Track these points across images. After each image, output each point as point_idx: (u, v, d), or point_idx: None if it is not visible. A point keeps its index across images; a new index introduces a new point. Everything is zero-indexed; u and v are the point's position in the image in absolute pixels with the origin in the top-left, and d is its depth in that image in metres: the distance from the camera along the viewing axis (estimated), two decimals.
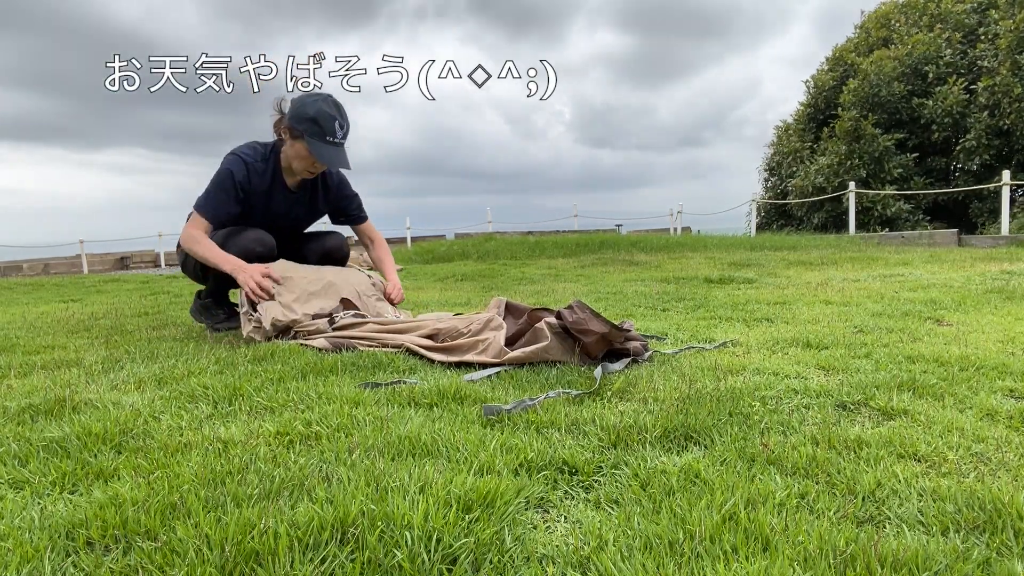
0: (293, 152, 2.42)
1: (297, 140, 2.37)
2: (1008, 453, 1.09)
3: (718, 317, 2.74)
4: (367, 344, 2.09)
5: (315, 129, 2.33)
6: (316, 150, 2.34)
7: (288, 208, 2.63)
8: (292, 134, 2.38)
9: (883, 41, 14.48)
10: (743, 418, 1.27)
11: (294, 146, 2.40)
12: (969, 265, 4.96)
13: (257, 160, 2.48)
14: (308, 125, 2.33)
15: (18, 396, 1.55)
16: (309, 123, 2.33)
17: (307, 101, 2.36)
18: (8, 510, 0.93)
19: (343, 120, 2.37)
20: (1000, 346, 1.94)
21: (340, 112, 2.38)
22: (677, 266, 5.84)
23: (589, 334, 1.74)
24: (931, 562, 0.75)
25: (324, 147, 2.35)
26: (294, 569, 0.74)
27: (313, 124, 2.33)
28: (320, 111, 2.32)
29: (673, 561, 0.76)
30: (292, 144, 2.40)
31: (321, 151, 2.35)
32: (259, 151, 2.51)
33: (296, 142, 2.38)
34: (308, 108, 2.33)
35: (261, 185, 2.50)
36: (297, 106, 2.36)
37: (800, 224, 14.44)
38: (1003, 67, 11.41)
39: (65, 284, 7.07)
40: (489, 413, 1.30)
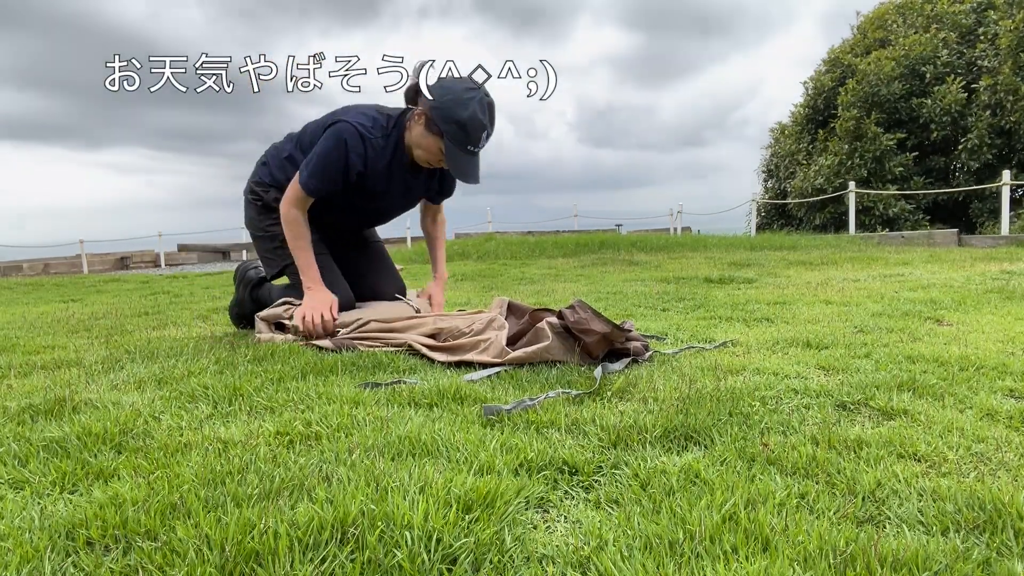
0: (424, 143, 2.13)
1: (434, 135, 2.09)
2: (1008, 453, 1.09)
3: (718, 317, 2.74)
4: (369, 344, 2.09)
5: (459, 135, 2.04)
6: (452, 158, 2.08)
7: (408, 188, 2.34)
8: (431, 127, 2.09)
9: (880, 42, 14.48)
10: (743, 418, 1.27)
11: (427, 137, 2.11)
12: (969, 265, 4.96)
13: (377, 136, 2.18)
14: (453, 129, 2.04)
15: (18, 396, 1.55)
16: (456, 127, 2.04)
17: (463, 98, 2.03)
18: (8, 510, 0.93)
19: (491, 128, 2.09)
20: (1000, 346, 1.94)
21: (491, 118, 2.09)
22: (677, 266, 5.84)
23: (590, 334, 1.74)
24: (931, 562, 0.75)
25: (461, 156, 2.08)
26: (294, 569, 0.74)
27: (460, 130, 2.04)
28: (473, 117, 2.03)
29: (673, 561, 0.76)
30: (425, 135, 2.11)
31: (457, 161, 2.09)
32: (379, 123, 2.19)
33: (432, 136, 2.10)
34: (461, 109, 2.02)
35: (378, 164, 2.20)
36: (449, 100, 2.04)
37: (800, 224, 14.45)
38: (1005, 66, 11.41)
39: (65, 284, 7.08)
40: (489, 413, 1.30)
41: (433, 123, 2.06)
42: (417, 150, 2.17)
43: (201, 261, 13.18)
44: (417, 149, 2.17)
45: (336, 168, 2.15)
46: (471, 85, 2.07)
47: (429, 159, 2.17)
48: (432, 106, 2.06)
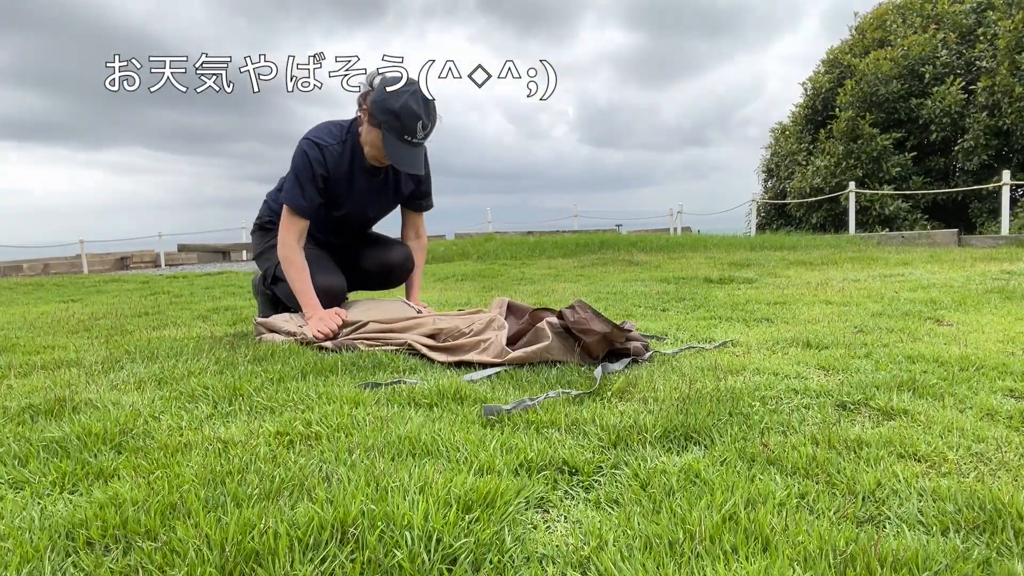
0: (369, 139, 2.27)
1: (376, 129, 2.22)
2: (1008, 453, 1.09)
3: (718, 317, 2.74)
4: (369, 344, 2.09)
5: (395, 124, 2.16)
6: (390, 147, 2.19)
7: (375, 190, 2.45)
8: (371, 120, 2.22)
9: (878, 42, 14.49)
10: (743, 418, 1.27)
11: (370, 132, 2.25)
12: (969, 265, 4.96)
13: (333, 143, 2.32)
14: (389, 118, 2.17)
15: (18, 396, 1.55)
16: (390, 116, 2.16)
17: (397, 91, 2.18)
18: (8, 510, 0.93)
19: (428, 120, 2.20)
20: (1000, 346, 1.94)
21: (427, 110, 2.20)
22: (677, 266, 5.84)
23: (591, 334, 1.74)
24: (931, 562, 0.75)
25: (399, 145, 2.19)
26: (294, 569, 0.74)
27: (394, 119, 2.16)
28: (405, 107, 2.15)
29: (673, 561, 0.76)
30: (369, 130, 2.25)
31: (395, 149, 2.20)
32: (334, 132, 2.35)
33: (373, 130, 2.23)
34: (393, 100, 2.16)
35: (340, 169, 2.34)
36: (382, 93, 2.18)
37: (799, 224, 14.47)
38: (1002, 67, 11.42)
39: (65, 284, 7.07)
40: (489, 413, 1.30)
41: (372, 116, 2.20)
42: (367, 147, 2.29)
43: (201, 261, 13.18)
44: (367, 146, 2.29)
45: (307, 177, 2.29)
46: (409, 81, 2.21)
47: (375, 154, 2.29)
48: (372, 100, 2.20)
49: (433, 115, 2.22)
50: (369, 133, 2.25)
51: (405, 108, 2.15)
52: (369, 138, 2.26)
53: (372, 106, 2.20)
